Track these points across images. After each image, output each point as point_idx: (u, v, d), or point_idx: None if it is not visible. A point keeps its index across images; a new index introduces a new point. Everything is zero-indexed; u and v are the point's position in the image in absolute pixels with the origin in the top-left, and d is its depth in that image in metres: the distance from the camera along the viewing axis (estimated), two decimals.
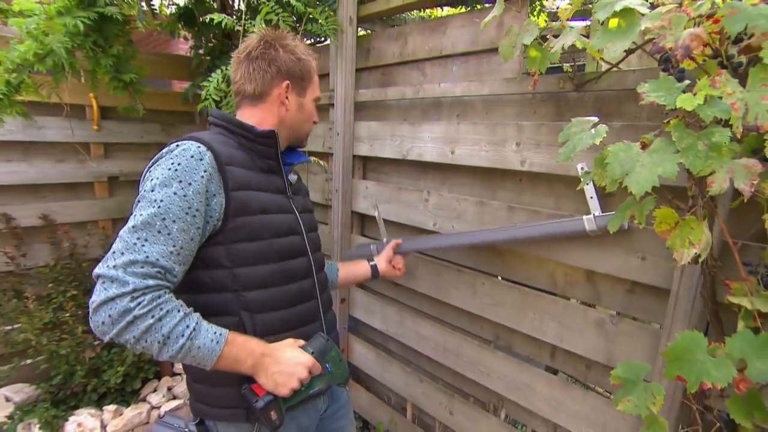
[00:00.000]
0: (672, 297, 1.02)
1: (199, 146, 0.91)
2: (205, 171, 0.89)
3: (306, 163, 1.24)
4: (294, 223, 1.09)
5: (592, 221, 1.08)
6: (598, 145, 0.76)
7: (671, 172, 0.65)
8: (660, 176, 0.66)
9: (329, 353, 1.04)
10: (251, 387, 0.96)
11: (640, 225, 0.73)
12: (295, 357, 0.96)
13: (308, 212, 1.19)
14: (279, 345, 0.98)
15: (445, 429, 1.74)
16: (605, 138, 0.76)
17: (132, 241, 0.81)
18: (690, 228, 0.71)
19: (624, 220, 0.77)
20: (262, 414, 0.94)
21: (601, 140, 0.75)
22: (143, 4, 2.20)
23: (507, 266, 1.45)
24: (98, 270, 0.80)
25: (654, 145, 0.69)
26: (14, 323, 2.26)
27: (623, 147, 0.71)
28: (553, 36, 1.07)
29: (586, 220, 1.09)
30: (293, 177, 1.14)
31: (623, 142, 0.72)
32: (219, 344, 0.87)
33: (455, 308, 1.59)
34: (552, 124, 1.24)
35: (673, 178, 0.65)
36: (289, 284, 1.07)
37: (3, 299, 2.28)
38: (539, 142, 1.26)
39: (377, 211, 1.67)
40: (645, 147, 0.71)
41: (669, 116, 0.75)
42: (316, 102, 1.15)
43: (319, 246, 1.23)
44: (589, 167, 1.03)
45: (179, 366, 2.63)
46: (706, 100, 0.65)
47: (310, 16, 1.71)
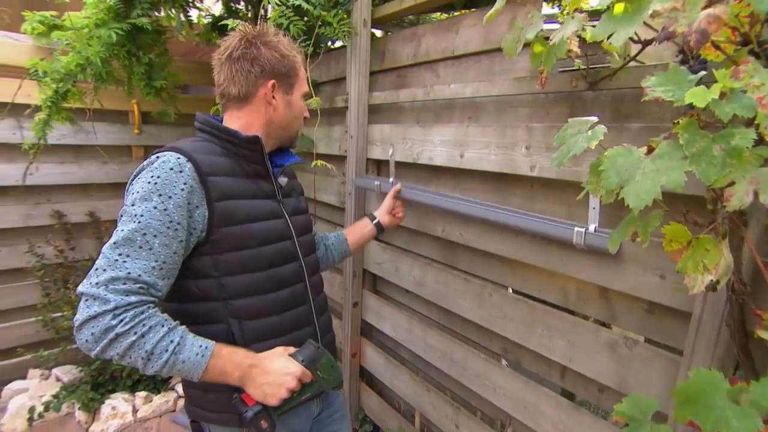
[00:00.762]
0: (693, 323, 0.86)
1: (179, 157, 0.86)
2: (185, 183, 0.85)
3: (297, 164, 1.17)
4: (284, 228, 1.03)
5: (581, 235, 0.93)
6: (594, 149, 0.63)
7: (677, 182, 0.51)
8: (664, 187, 0.52)
9: (320, 360, 0.97)
10: (241, 397, 0.92)
11: (644, 244, 0.60)
12: (284, 367, 0.90)
13: (301, 214, 1.12)
14: (267, 355, 0.92)
15: None
16: (603, 141, 0.62)
17: (114, 258, 0.78)
18: (704, 249, 0.57)
19: (625, 237, 0.63)
20: (252, 424, 0.90)
21: (598, 143, 0.61)
22: (181, 16, 2.23)
23: (518, 277, 1.31)
24: (81, 288, 0.77)
25: (659, 150, 0.55)
26: (61, 311, 2.37)
27: (622, 151, 0.57)
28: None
29: (576, 233, 0.94)
30: (283, 180, 1.07)
31: (623, 146, 0.58)
32: (204, 357, 0.82)
33: (463, 318, 1.47)
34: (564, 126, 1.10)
35: (679, 189, 0.51)
36: (279, 290, 1.01)
37: (53, 288, 2.40)
38: (550, 146, 1.12)
39: (392, 150, 1.57)
40: (652, 152, 0.58)
41: (686, 116, 0.61)
42: (306, 97, 1.08)
43: (313, 248, 1.16)
44: None
45: None
46: (725, 95, 0.51)
47: (324, 20, 1.64)
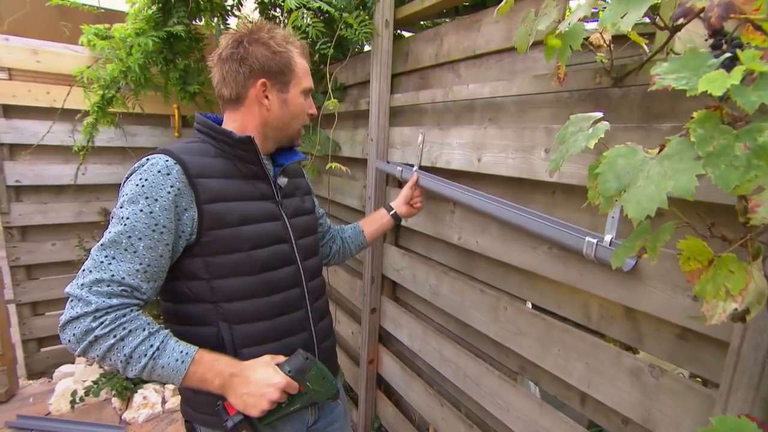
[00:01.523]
0: (731, 355, 0.73)
1: (167, 160, 0.85)
2: (173, 186, 0.83)
3: (299, 162, 1.14)
4: (281, 231, 0.99)
5: (592, 247, 0.82)
6: (593, 149, 0.53)
7: (685, 188, 0.41)
8: (671, 194, 0.43)
9: (309, 372, 0.92)
10: (224, 405, 0.88)
11: (652, 261, 0.50)
12: (267, 378, 0.85)
13: (303, 215, 1.07)
14: (251, 364, 0.87)
15: None
16: (604, 139, 0.53)
17: (100, 259, 0.78)
18: (728, 271, 0.46)
19: (632, 253, 0.53)
20: (231, 429, 0.86)
21: (598, 142, 0.52)
22: (220, 24, 2.30)
23: (536, 291, 1.20)
24: (67, 288, 0.78)
25: (668, 149, 0.45)
26: None
27: (624, 151, 0.48)
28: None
29: (587, 243, 0.83)
30: (283, 180, 1.03)
31: (625, 145, 0.49)
32: (184, 364, 0.80)
33: (478, 332, 1.37)
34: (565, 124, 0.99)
35: (689, 197, 0.41)
36: (272, 295, 0.97)
37: None
38: None
39: (421, 137, 1.50)
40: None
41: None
42: (308, 94, 1.01)
43: (316, 250, 1.11)
44: None
45: None
46: (753, 80, 0.41)
47: (346, 21, 1.61)
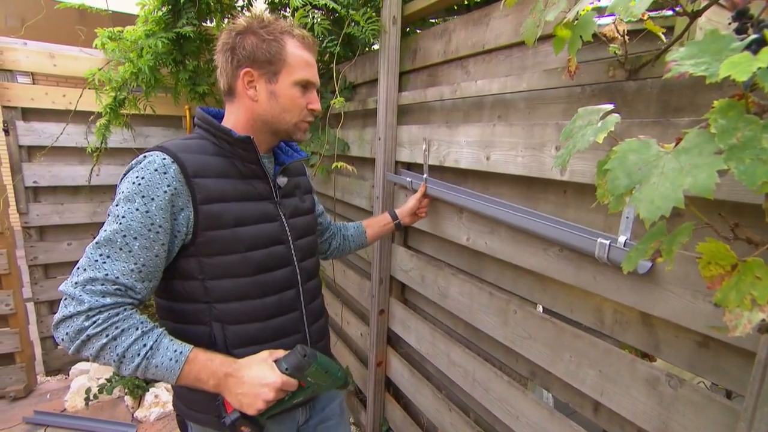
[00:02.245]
0: (758, 366, 0.67)
1: (165, 158, 0.82)
2: (169, 185, 0.81)
3: (304, 160, 1.11)
4: (278, 232, 0.97)
5: (605, 249, 0.77)
6: (605, 144, 0.49)
7: (704, 185, 0.37)
8: (687, 192, 0.38)
9: (307, 369, 0.89)
10: (223, 401, 0.87)
11: (668, 267, 0.45)
12: (262, 377, 0.83)
13: (301, 215, 1.05)
14: (247, 362, 0.85)
15: None
16: (615, 133, 0.48)
17: (94, 258, 0.76)
18: (754, 277, 0.41)
19: (645, 256, 0.48)
20: (232, 430, 0.86)
21: (608, 136, 0.48)
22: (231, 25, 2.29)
23: (547, 294, 1.15)
24: (62, 287, 0.76)
25: (685, 142, 0.41)
26: None
27: (636, 146, 0.44)
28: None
29: (599, 245, 0.78)
30: (282, 180, 1.00)
31: (637, 138, 0.44)
32: (178, 363, 0.79)
33: (487, 336, 1.32)
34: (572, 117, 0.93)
35: (708, 195, 0.37)
36: (266, 297, 0.95)
37: None
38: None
39: (425, 145, 1.48)
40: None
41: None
42: (304, 85, 0.94)
43: (313, 251, 1.09)
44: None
45: None
46: None
47: (353, 19, 1.59)
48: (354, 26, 1.58)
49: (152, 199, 0.79)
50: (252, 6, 2.18)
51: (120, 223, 0.78)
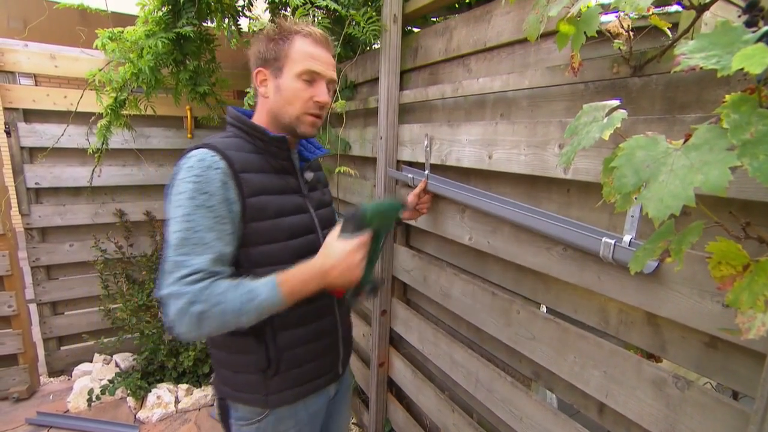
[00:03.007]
0: None
1: (214, 155, 0.88)
2: (222, 181, 0.87)
3: (323, 157, 1.19)
4: (309, 222, 1.05)
5: (610, 248, 0.75)
6: (610, 142, 0.48)
7: (716, 183, 0.36)
8: (699, 190, 0.37)
9: (366, 219, 0.96)
10: (334, 292, 1.00)
11: (676, 267, 0.44)
12: (343, 251, 0.90)
13: (324, 207, 1.13)
14: (324, 253, 0.91)
15: None
16: (621, 130, 0.47)
17: (177, 259, 0.82)
18: (767, 278, 0.40)
19: (653, 256, 0.47)
20: (354, 303, 1.03)
21: (614, 133, 0.46)
22: (232, 25, 2.29)
23: (551, 294, 1.14)
24: (159, 293, 0.82)
25: (695, 138, 0.39)
26: (117, 303, 2.52)
27: (644, 142, 0.42)
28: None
29: (604, 244, 0.77)
30: (309, 175, 1.08)
31: (645, 135, 0.43)
32: (275, 290, 0.86)
33: (490, 336, 1.31)
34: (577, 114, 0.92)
35: (721, 193, 0.36)
36: None
37: (113, 282, 2.56)
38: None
39: (427, 141, 1.47)
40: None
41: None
42: (309, 77, 0.95)
43: None
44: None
45: None
46: None
47: (354, 19, 1.57)
48: (355, 27, 1.56)
49: (213, 194, 0.85)
50: (252, 6, 2.17)
51: (189, 221, 0.83)
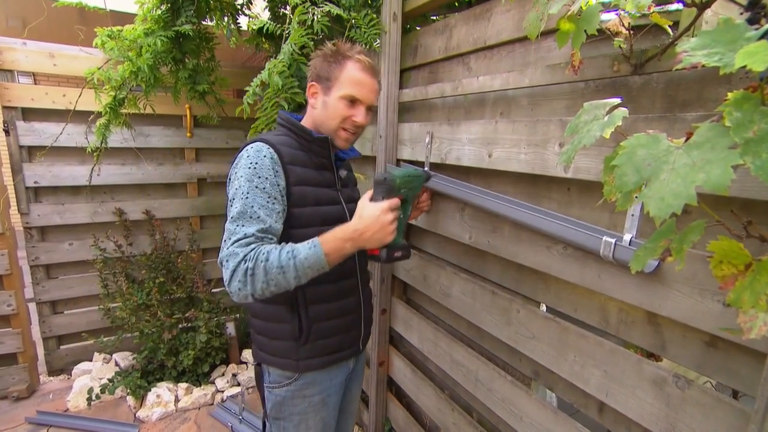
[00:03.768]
0: None
1: (269, 148, 1.03)
2: (275, 169, 1.02)
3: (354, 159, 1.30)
4: (341, 213, 1.16)
5: (610, 247, 0.75)
6: (611, 140, 0.47)
7: (719, 182, 0.35)
8: (701, 188, 0.37)
9: (395, 184, 1.08)
10: (369, 252, 1.11)
11: (678, 266, 0.44)
12: (374, 214, 1.00)
13: (353, 202, 1.19)
14: (357, 215, 1.02)
15: None
16: (622, 128, 0.46)
17: (233, 229, 0.96)
18: None
19: (654, 255, 0.47)
20: (390, 261, 1.12)
21: (615, 131, 0.46)
22: (231, 23, 2.28)
23: (551, 293, 1.14)
24: (220, 256, 0.96)
25: (697, 136, 0.39)
26: (116, 302, 2.52)
27: (645, 140, 0.42)
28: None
29: (605, 243, 0.76)
30: (343, 172, 1.20)
31: (646, 133, 0.43)
32: (316, 248, 0.96)
33: (490, 335, 1.31)
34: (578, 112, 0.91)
35: (723, 192, 0.35)
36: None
37: (112, 281, 2.56)
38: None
39: (429, 138, 1.48)
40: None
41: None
42: (351, 100, 1.09)
43: None
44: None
45: (246, 355, 2.70)
46: None
47: (356, 22, 1.57)
48: (356, 30, 1.56)
49: (266, 179, 1.00)
50: (252, 4, 2.17)
51: (246, 199, 0.97)
